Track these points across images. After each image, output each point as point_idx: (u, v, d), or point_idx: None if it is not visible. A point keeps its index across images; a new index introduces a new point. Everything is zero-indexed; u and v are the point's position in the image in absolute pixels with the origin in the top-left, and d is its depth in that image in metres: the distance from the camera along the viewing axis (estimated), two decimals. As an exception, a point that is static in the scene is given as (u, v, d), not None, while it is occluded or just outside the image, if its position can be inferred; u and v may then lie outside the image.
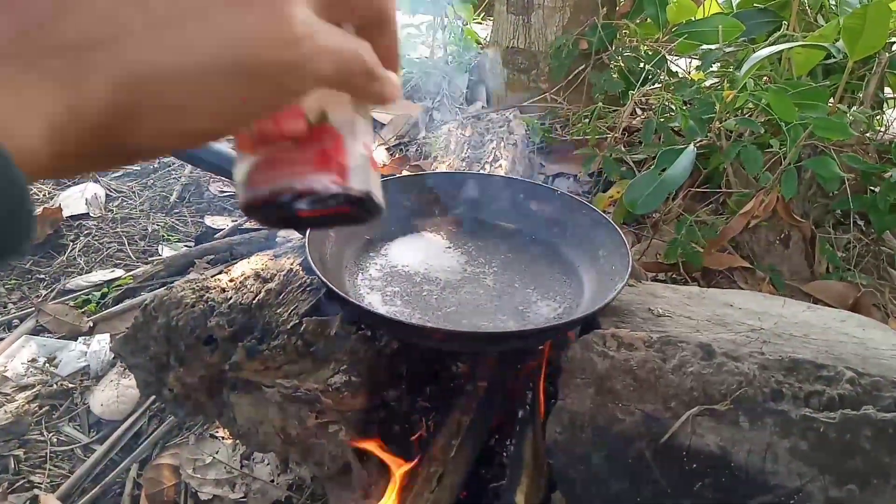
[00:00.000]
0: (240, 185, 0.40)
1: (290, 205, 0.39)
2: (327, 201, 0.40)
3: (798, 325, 0.91)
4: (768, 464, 0.74)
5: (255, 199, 0.40)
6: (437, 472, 0.86)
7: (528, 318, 0.93)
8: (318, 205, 0.40)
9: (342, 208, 0.41)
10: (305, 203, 0.40)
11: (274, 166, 0.40)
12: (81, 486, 1.10)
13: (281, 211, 0.40)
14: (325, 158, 0.40)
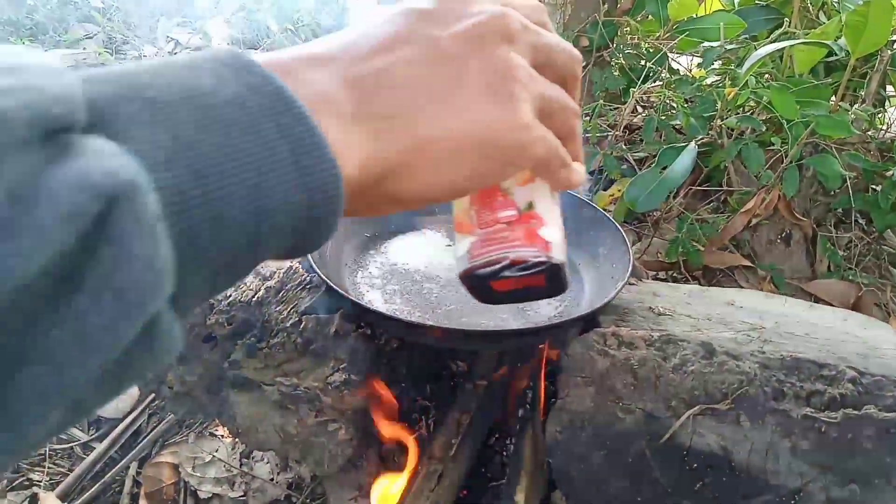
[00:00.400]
0: (460, 259, 0.52)
1: (502, 271, 0.50)
2: (533, 269, 0.50)
3: (799, 324, 0.91)
4: (769, 463, 0.74)
5: (475, 266, 0.51)
6: (436, 470, 0.86)
7: (528, 316, 0.92)
8: (526, 272, 0.50)
9: (539, 278, 0.51)
10: (516, 270, 0.50)
11: (491, 243, 0.51)
12: (81, 484, 1.10)
13: (494, 277, 0.51)
14: (532, 236, 0.51)
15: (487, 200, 0.52)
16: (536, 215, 0.51)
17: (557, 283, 0.52)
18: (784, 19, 1.50)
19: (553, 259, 0.50)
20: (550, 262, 0.50)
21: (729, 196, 1.42)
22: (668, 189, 1.24)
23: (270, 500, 1.05)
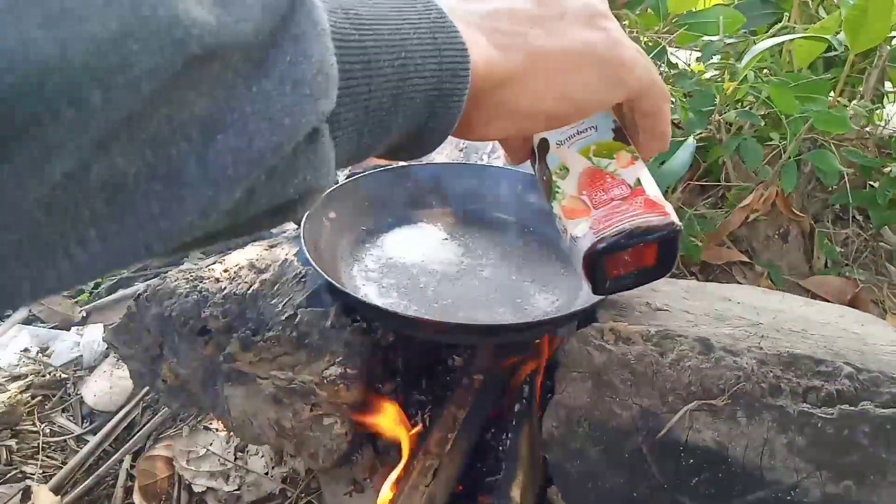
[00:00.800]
0: (581, 238, 0.54)
1: (631, 239, 0.52)
2: (660, 232, 0.53)
3: (796, 320, 0.91)
4: (765, 459, 0.73)
5: (601, 239, 0.53)
6: (432, 465, 0.86)
7: (525, 310, 0.92)
8: (654, 236, 0.53)
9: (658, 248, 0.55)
10: (644, 236, 0.52)
11: (612, 217, 0.53)
12: (74, 477, 1.10)
13: (622, 248, 0.53)
14: (651, 205, 0.53)
15: (597, 184, 0.55)
16: (645, 190, 0.55)
17: (673, 253, 0.55)
18: (783, 14, 1.49)
19: (676, 223, 0.53)
20: (675, 224, 0.53)
21: (727, 191, 1.42)
22: (666, 184, 1.23)
23: (265, 494, 1.05)
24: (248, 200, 0.28)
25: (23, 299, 0.23)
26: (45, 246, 0.22)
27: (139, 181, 0.24)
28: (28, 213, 0.21)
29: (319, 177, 0.31)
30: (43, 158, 0.21)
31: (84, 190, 0.23)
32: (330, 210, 1.03)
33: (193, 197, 0.25)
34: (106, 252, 0.24)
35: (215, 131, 0.25)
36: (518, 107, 0.43)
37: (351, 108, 0.32)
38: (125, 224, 0.24)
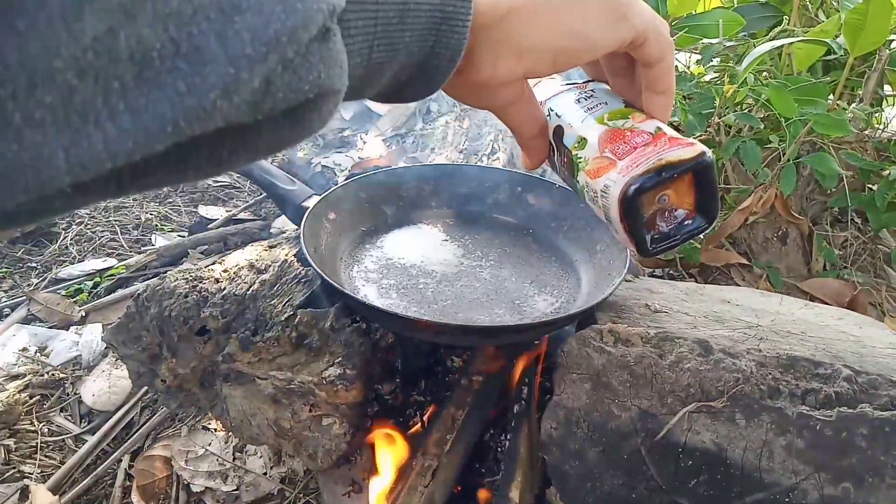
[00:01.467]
0: (613, 186, 0.52)
1: (662, 173, 0.51)
2: (692, 163, 0.51)
3: (795, 323, 0.91)
4: (764, 461, 0.74)
5: (633, 179, 0.51)
6: (431, 466, 0.86)
7: (524, 312, 0.92)
8: (685, 168, 0.51)
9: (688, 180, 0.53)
10: (675, 169, 0.51)
11: (639, 159, 0.52)
12: (72, 477, 1.09)
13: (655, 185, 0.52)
14: (676, 140, 0.52)
15: (617, 140, 0.54)
16: (667, 133, 0.54)
17: (710, 190, 0.54)
18: (783, 17, 1.49)
19: (705, 151, 0.52)
20: (705, 154, 0.52)
21: (726, 194, 1.42)
22: (665, 186, 1.23)
23: (263, 494, 1.05)
24: (265, 90, 0.29)
25: (57, 170, 0.24)
26: (78, 113, 0.24)
27: (164, 58, 0.25)
28: (61, 74, 0.23)
29: (333, 76, 0.32)
30: (75, 10, 0.23)
31: (114, 58, 0.24)
32: (330, 211, 1.03)
33: (216, 74, 0.26)
34: (135, 126, 0.25)
35: (233, 13, 0.26)
36: (522, 42, 0.44)
37: (360, 16, 0.34)
38: (152, 98, 0.25)
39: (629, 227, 0.55)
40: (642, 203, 0.54)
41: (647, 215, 0.55)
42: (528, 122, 0.57)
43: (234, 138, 0.31)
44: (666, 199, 0.54)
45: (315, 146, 2.05)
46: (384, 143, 1.99)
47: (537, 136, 0.59)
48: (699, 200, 0.55)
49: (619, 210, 0.53)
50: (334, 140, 2.09)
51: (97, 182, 0.26)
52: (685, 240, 0.58)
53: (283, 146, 0.34)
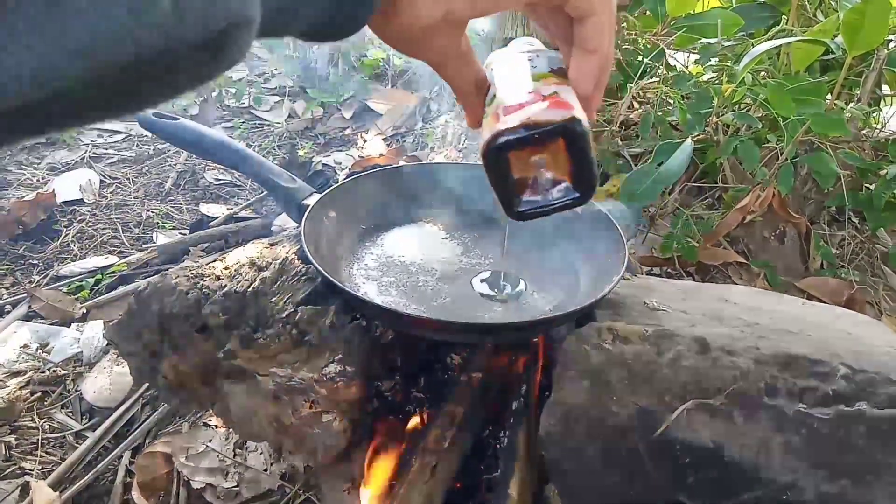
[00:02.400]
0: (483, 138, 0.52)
1: (521, 131, 0.50)
2: (559, 125, 0.50)
3: (793, 321, 0.91)
4: (761, 459, 0.74)
5: (501, 133, 0.51)
6: (430, 462, 0.86)
7: (524, 309, 0.93)
8: (552, 128, 0.50)
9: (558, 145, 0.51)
10: (541, 129, 0.50)
11: (515, 116, 0.51)
12: (73, 473, 1.10)
13: (514, 144, 0.51)
14: (557, 104, 0.51)
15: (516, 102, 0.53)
16: (560, 97, 0.52)
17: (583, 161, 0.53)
18: (782, 17, 1.50)
19: (578, 117, 0.50)
20: (576, 118, 0.50)
21: (724, 193, 1.42)
22: (663, 185, 1.24)
23: (264, 490, 1.05)
24: (176, 18, 0.28)
25: None
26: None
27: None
28: None
29: (247, 4, 0.31)
30: None
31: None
32: (330, 209, 1.03)
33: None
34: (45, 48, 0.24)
35: None
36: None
37: None
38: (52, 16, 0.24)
39: (493, 182, 0.55)
40: (508, 161, 0.53)
41: (518, 176, 0.54)
42: (464, 78, 0.57)
43: (153, 72, 0.30)
44: (542, 165, 0.54)
45: (316, 145, 2.06)
46: (384, 142, 2.00)
47: (474, 94, 0.58)
48: (574, 171, 0.54)
49: (484, 164, 0.54)
50: (335, 139, 2.09)
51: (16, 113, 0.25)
52: (556, 209, 0.57)
53: (204, 79, 0.33)
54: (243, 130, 2.16)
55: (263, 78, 2.53)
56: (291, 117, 2.25)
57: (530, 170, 0.54)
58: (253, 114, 2.28)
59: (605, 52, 0.53)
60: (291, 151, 1.99)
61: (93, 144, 2.07)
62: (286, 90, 2.35)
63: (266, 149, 2.06)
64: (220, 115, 2.26)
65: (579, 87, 0.55)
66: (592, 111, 0.56)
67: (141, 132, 2.12)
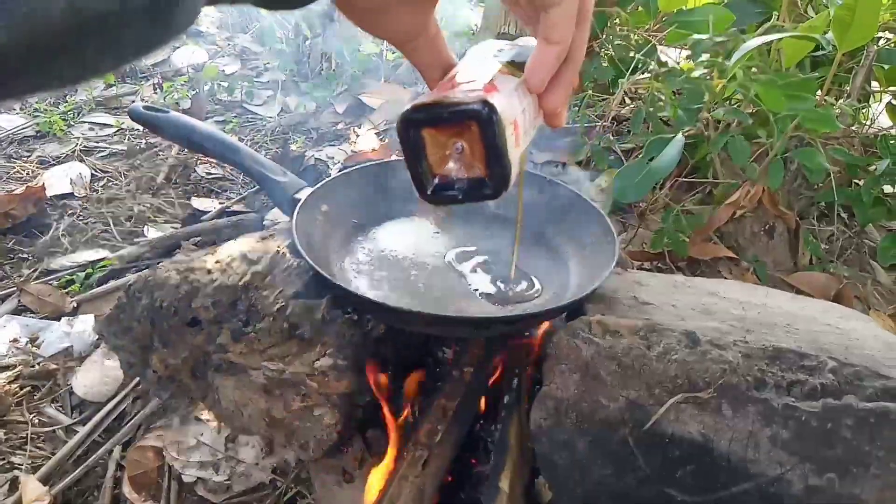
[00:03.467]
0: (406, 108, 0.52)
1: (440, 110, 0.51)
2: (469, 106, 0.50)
3: (781, 315, 0.92)
4: (750, 452, 0.75)
5: (412, 108, 0.52)
6: (422, 456, 0.87)
7: (515, 304, 0.93)
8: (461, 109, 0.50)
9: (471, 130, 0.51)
10: (449, 108, 0.51)
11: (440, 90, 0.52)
12: (63, 468, 1.09)
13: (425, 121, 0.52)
14: (486, 89, 0.51)
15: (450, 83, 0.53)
16: (494, 86, 0.52)
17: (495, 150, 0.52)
18: (773, 13, 1.51)
19: (489, 100, 0.50)
20: (487, 101, 0.50)
21: (714, 188, 1.43)
22: (654, 180, 1.25)
23: (255, 484, 1.05)
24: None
25: None
26: None
27: None
28: None
29: None
30: None
31: None
32: (322, 203, 1.03)
33: None
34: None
35: None
36: None
37: None
38: None
39: (406, 159, 0.55)
40: (422, 139, 0.53)
41: (433, 159, 0.54)
42: (430, 62, 0.57)
43: (97, 37, 0.29)
44: (459, 152, 0.53)
45: (308, 139, 2.05)
46: (377, 137, 1.99)
47: (440, 79, 0.58)
48: (488, 162, 0.54)
49: (399, 134, 0.54)
50: (328, 133, 2.09)
51: None
52: (467, 200, 0.57)
53: (152, 46, 0.32)
54: (235, 125, 2.15)
55: (256, 72, 2.52)
56: (284, 112, 2.24)
57: (447, 155, 0.54)
58: (245, 108, 2.27)
59: (568, 44, 0.51)
60: (284, 146, 1.98)
61: (84, 138, 2.05)
62: (279, 84, 2.35)
63: (258, 143, 2.05)
64: (211, 110, 2.25)
65: (530, 79, 0.53)
66: (556, 111, 0.55)
67: (132, 126, 2.11)
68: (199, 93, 2.25)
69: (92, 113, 2.21)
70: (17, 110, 2.19)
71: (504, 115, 0.51)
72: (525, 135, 0.55)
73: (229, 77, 2.37)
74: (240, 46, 2.70)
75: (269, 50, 2.57)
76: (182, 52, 2.55)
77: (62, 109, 2.19)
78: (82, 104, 2.23)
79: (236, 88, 2.30)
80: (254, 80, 2.42)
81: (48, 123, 2.05)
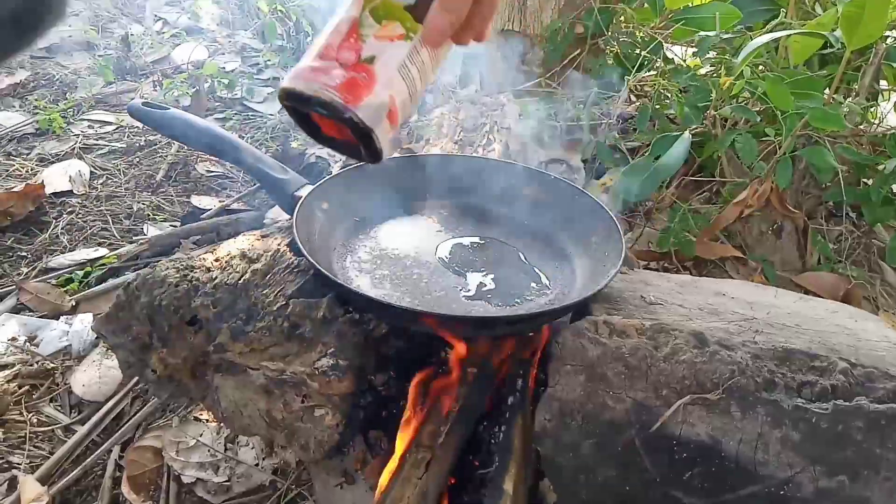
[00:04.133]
0: (288, 76, 0.55)
1: (308, 102, 0.54)
2: (333, 112, 0.53)
3: (790, 315, 0.91)
4: (759, 454, 0.73)
5: (289, 87, 0.55)
6: (425, 458, 0.85)
7: (519, 304, 0.91)
8: (327, 112, 0.54)
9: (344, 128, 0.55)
10: (318, 107, 0.54)
11: (316, 73, 0.54)
12: (62, 468, 1.08)
13: (300, 105, 0.55)
14: (352, 85, 0.54)
15: (342, 37, 0.55)
16: (371, 71, 0.54)
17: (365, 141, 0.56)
18: (780, 10, 1.49)
19: (348, 112, 0.53)
20: (345, 114, 0.53)
21: (721, 187, 1.41)
22: (661, 178, 1.23)
23: (255, 485, 1.04)
24: None
25: None
26: None
27: None
28: None
29: None
30: None
31: None
32: (323, 200, 1.02)
33: None
34: None
35: None
36: None
37: None
38: None
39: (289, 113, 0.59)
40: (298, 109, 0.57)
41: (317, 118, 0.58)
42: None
43: None
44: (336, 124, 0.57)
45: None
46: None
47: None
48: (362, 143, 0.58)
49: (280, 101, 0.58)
50: (328, 131, 2.07)
51: None
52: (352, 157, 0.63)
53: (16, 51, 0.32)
54: (236, 122, 2.13)
55: (256, 69, 2.51)
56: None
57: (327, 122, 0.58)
58: (245, 105, 2.25)
59: (462, 17, 0.52)
60: (285, 143, 1.97)
61: (83, 135, 2.04)
62: (280, 81, 2.33)
63: (259, 140, 2.04)
64: (212, 107, 2.24)
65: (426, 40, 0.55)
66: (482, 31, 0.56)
67: (132, 123, 2.10)
68: (199, 90, 2.24)
69: (92, 110, 2.19)
70: (17, 108, 2.18)
71: (372, 115, 0.54)
72: (404, 108, 0.58)
73: (229, 74, 2.36)
74: (240, 43, 2.69)
75: (270, 46, 2.56)
76: (182, 49, 2.54)
77: (62, 107, 2.17)
78: (82, 101, 2.22)
79: (236, 85, 2.29)
80: (254, 77, 2.41)
81: (48, 121, 2.04)
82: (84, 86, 2.30)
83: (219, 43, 2.70)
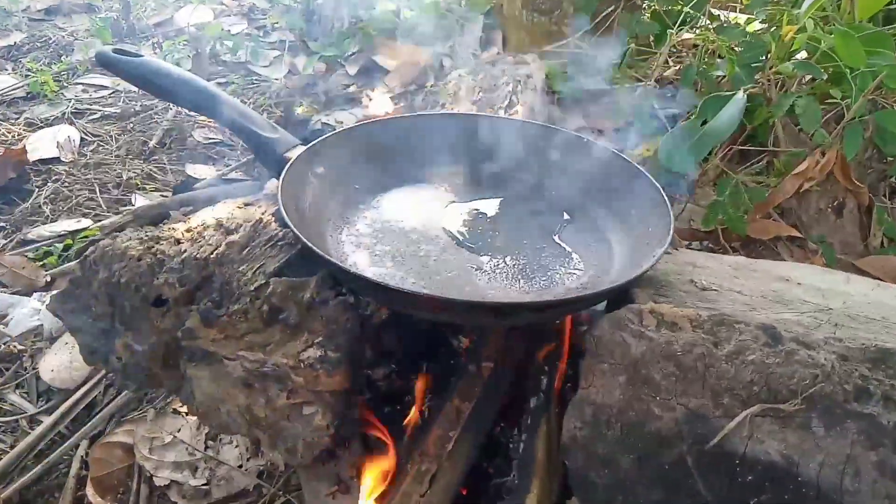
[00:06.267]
0: None
1: None
2: None
3: (871, 306, 0.77)
4: (847, 481, 0.60)
5: None
6: (429, 470, 0.72)
7: (545, 287, 0.77)
8: None
9: None
10: None
11: None
12: (22, 464, 0.97)
13: None
14: None
15: None
16: None
17: None
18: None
19: None
20: None
21: (774, 158, 1.25)
22: (711, 144, 1.08)
23: (237, 490, 0.92)
24: None
25: None
26: None
27: None
28: None
29: None
30: None
31: None
32: (318, 165, 0.88)
33: None
34: None
35: None
36: None
37: None
38: None
39: None
40: None
41: None
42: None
43: None
44: None
45: (317, 103, 1.90)
46: (392, 100, 1.83)
47: None
48: None
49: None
50: (338, 96, 1.93)
51: None
52: None
53: None
54: (237, 87, 1.99)
55: (262, 31, 2.36)
56: (291, 73, 2.09)
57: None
58: (250, 69, 2.12)
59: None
60: (288, 109, 1.83)
61: (76, 99, 1.92)
62: (286, 44, 2.18)
63: (262, 106, 1.90)
64: (214, 71, 2.10)
65: None
66: None
67: (129, 88, 1.96)
68: (199, 52, 2.10)
69: (87, 74, 2.06)
70: (10, 71, 2.06)
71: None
72: None
73: (233, 36, 2.22)
74: (247, 5, 2.55)
75: (277, 7, 2.41)
76: (186, 11, 2.41)
77: (55, 70, 2.05)
78: (77, 65, 2.09)
79: (240, 48, 2.15)
80: (259, 39, 2.27)
81: (39, 84, 1.92)
82: (81, 48, 2.17)
83: (225, 5, 2.55)
